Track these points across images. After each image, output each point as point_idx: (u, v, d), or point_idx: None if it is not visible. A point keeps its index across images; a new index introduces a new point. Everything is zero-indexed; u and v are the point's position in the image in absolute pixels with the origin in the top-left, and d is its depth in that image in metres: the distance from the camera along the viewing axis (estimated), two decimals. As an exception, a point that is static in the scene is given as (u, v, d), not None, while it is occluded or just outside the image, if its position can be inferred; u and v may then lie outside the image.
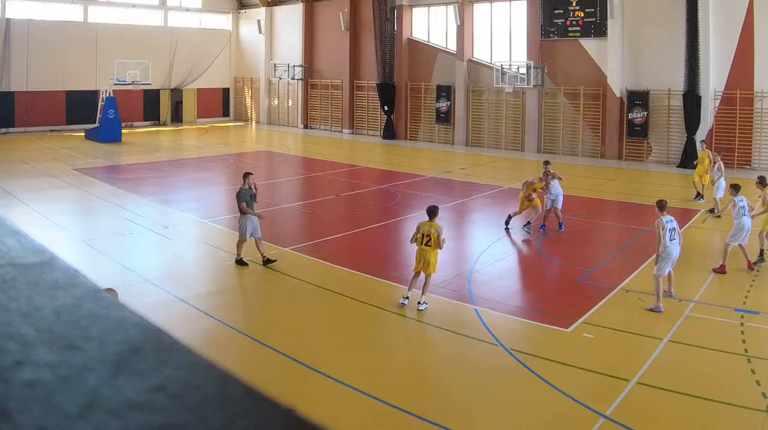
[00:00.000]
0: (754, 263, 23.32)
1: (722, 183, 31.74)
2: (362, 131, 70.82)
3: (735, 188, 24.15)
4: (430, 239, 19.56)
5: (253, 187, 23.76)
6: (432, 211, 20.36)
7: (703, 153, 35.47)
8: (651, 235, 26.31)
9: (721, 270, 22.67)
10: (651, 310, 19.16)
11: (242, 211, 23.19)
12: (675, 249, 19.99)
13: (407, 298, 19.73)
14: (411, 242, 20.47)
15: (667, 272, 20.02)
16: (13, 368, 0.95)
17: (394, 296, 20.50)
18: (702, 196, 35.09)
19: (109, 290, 13.60)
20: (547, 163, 30.48)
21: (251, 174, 24.14)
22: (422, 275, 19.75)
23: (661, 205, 20.52)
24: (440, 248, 19.81)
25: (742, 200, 23.47)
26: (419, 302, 19.51)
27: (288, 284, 22.27)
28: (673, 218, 20.60)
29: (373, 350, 17.25)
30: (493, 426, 13.53)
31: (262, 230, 23.83)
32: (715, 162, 33.12)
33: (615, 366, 15.44)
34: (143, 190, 38.38)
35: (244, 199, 23.16)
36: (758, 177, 25.27)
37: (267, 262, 23.36)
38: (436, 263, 19.93)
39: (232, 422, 1.01)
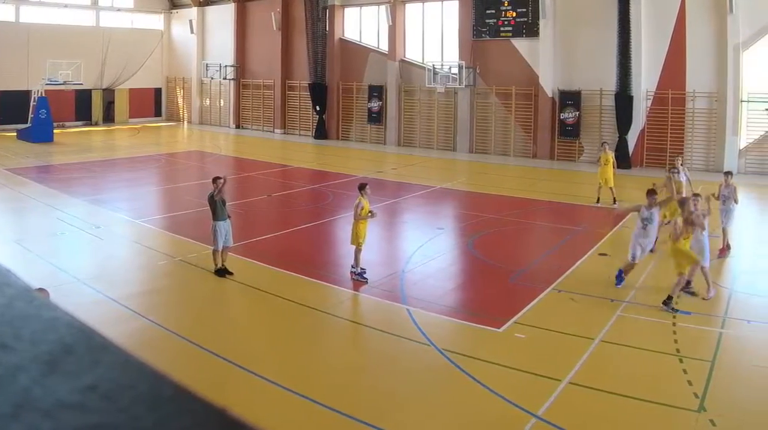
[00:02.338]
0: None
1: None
2: (294, 131, 69.63)
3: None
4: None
5: (219, 190, 22.40)
6: (358, 187, 22.43)
7: (606, 155, 34.60)
8: (583, 235, 28.38)
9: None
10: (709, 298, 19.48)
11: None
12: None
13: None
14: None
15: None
16: None
17: (326, 297, 20.50)
18: (614, 201, 34.27)
19: (41, 289, 12.85)
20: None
21: (221, 178, 22.77)
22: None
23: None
24: (354, 220, 21.56)
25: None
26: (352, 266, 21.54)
27: (221, 284, 21.64)
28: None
29: (305, 350, 16.91)
30: (425, 426, 13.30)
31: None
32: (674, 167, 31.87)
33: (547, 366, 15.22)
34: (75, 191, 37.46)
35: (217, 204, 22.24)
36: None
37: (223, 271, 22.14)
38: (357, 235, 21.46)
39: (165, 422, 0.94)
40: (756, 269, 22.71)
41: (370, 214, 21.88)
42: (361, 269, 21.80)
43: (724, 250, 24.63)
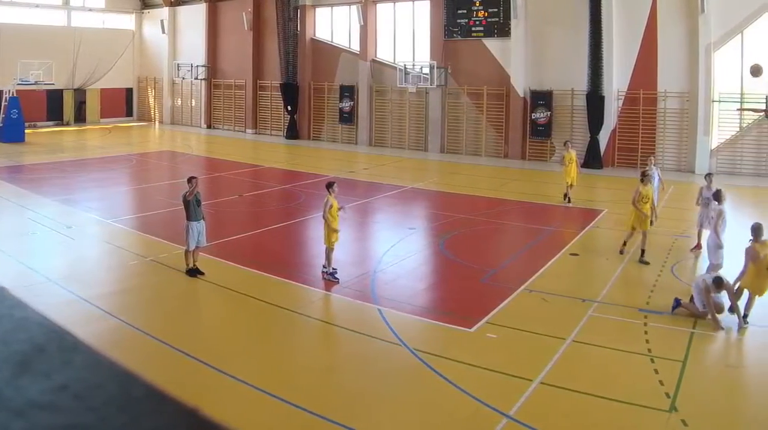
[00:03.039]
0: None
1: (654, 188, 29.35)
2: (265, 131, 69.27)
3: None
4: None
5: (192, 191, 21.99)
6: (326, 185, 22.75)
7: (569, 154, 34.47)
8: (554, 235, 28.78)
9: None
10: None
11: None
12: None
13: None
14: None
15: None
16: None
17: (298, 297, 20.37)
18: (569, 199, 34.49)
19: None
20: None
21: (195, 178, 22.33)
22: None
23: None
24: (324, 219, 21.73)
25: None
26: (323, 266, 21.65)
27: (192, 284, 21.38)
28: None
29: (276, 350, 16.73)
30: (397, 426, 13.15)
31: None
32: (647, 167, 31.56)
33: (518, 366, 15.13)
34: (46, 191, 37.05)
35: (191, 205, 21.90)
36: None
37: (194, 272, 21.84)
38: (326, 235, 21.61)
39: (136, 421, 0.96)
40: (728, 268, 21.46)
41: (341, 209, 22.03)
42: (333, 268, 21.67)
43: (699, 245, 24.64)
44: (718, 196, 22.12)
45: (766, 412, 13.53)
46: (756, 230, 18.51)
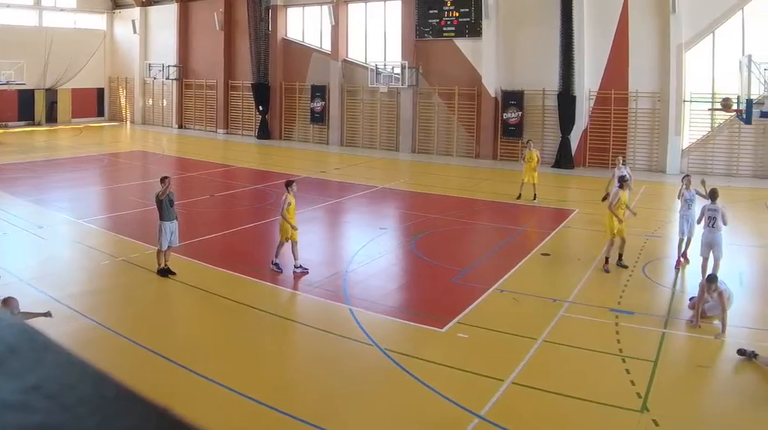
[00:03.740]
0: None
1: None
2: (237, 131, 68.71)
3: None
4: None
5: (164, 191, 21.78)
6: (285, 183, 23.28)
7: (530, 152, 34.72)
8: (525, 235, 28.79)
9: None
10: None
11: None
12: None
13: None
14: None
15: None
16: None
17: (269, 296, 20.46)
18: (530, 198, 34.62)
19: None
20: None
21: (168, 178, 22.26)
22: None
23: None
24: (281, 216, 22.38)
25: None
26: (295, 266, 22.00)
27: (163, 284, 21.27)
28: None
29: (248, 349, 16.62)
30: (368, 426, 13.12)
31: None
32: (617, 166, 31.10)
33: (489, 366, 15.08)
34: (18, 191, 36.65)
35: (164, 204, 21.74)
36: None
37: (166, 271, 21.66)
38: (285, 230, 22.21)
39: (108, 421, 0.97)
40: (698, 269, 21.82)
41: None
42: (276, 262, 22.40)
43: (680, 261, 23.52)
44: (713, 195, 21.61)
45: (737, 412, 13.41)
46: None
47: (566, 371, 15.04)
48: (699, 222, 21.97)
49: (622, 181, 23.70)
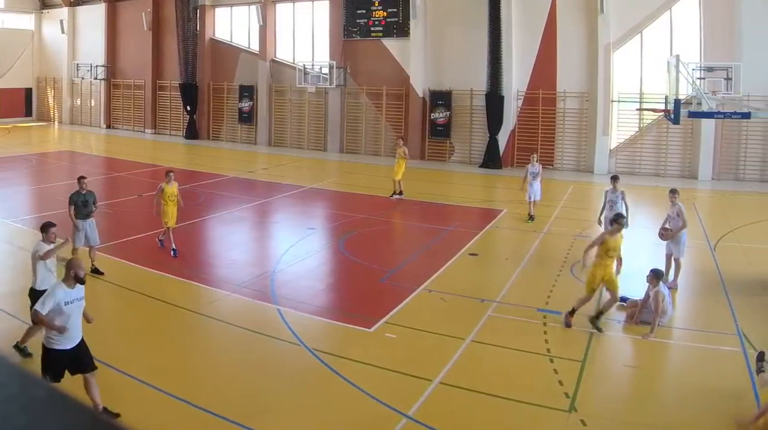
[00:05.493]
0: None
1: (537, 185, 30.06)
2: (165, 131, 67.23)
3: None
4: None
5: (83, 191, 21.42)
6: (165, 172, 24.34)
7: (401, 149, 34.99)
8: (453, 235, 28.01)
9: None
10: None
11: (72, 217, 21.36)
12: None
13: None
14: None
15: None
16: None
17: (197, 297, 19.93)
18: (400, 193, 34.95)
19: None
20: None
21: (84, 178, 21.80)
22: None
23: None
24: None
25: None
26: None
27: (91, 284, 19.27)
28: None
29: (176, 350, 16.21)
30: (297, 426, 12.80)
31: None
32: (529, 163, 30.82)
33: (418, 366, 14.89)
34: (-56, 191, 35.86)
35: (73, 204, 21.28)
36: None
37: (93, 271, 20.92)
38: (164, 214, 23.53)
39: (38, 422, 1.00)
40: (628, 269, 21.84)
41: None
42: (161, 239, 24.33)
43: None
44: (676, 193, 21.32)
45: (664, 412, 13.18)
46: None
47: (494, 371, 14.89)
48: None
49: (617, 221, 17.99)
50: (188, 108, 63.16)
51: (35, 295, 13.86)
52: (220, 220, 25.45)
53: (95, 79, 71.06)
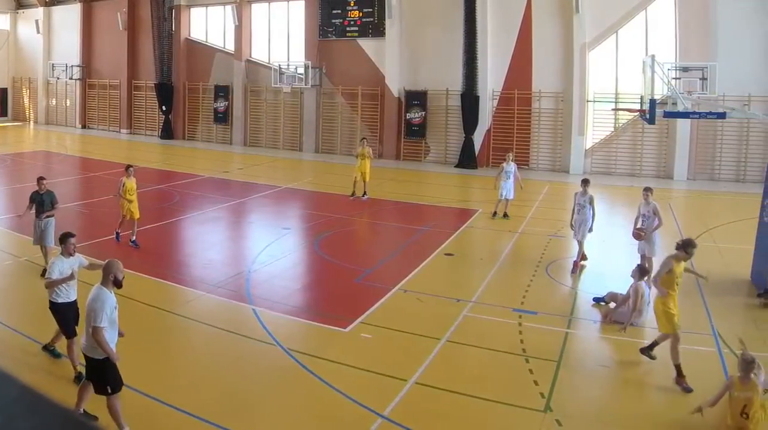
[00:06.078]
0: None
1: (510, 184, 29.98)
2: (140, 131, 66.62)
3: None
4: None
5: (41, 191, 21.49)
6: (125, 167, 25.39)
7: (363, 149, 34.75)
8: (429, 234, 27.90)
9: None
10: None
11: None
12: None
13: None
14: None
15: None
16: None
17: (172, 297, 19.81)
18: (364, 194, 34.83)
19: None
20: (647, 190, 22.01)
21: (43, 179, 21.85)
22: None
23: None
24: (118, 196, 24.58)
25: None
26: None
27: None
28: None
29: (152, 350, 15.85)
30: (272, 426, 12.69)
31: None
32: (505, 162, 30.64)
33: (393, 366, 14.84)
34: None
35: (33, 202, 21.39)
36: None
37: (43, 273, 20.33)
38: (124, 208, 24.63)
39: (10, 421, 1.02)
40: (602, 269, 22.34)
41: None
42: (118, 232, 25.09)
43: (578, 264, 22.55)
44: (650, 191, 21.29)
45: (639, 412, 13.15)
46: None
47: (470, 371, 14.78)
48: (637, 223, 21.30)
49: (688, 247, 15.36)
50: (163, 108, 62.86)
51: (58, 309, 13.78)
52: (195, 220, 25.49)
53: (70, 79, 70.36)
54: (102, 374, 11.59)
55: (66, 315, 13.67)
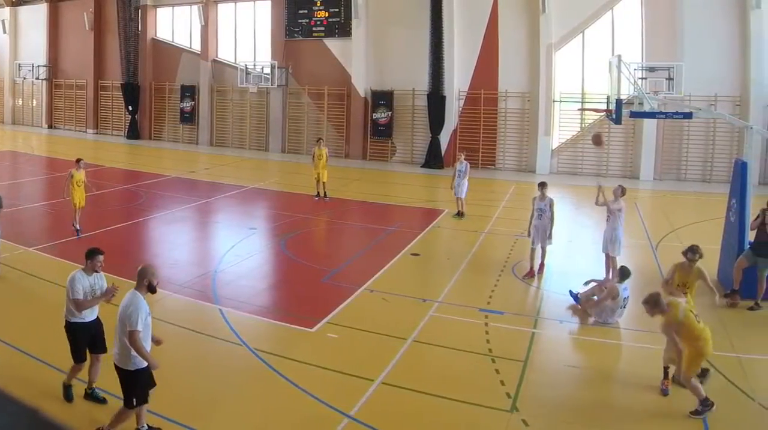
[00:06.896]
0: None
1: (465, 183, 30.26)
2: (107, 131, 65.83)
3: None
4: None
5: None
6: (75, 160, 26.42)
7: (319, 150, 34.59)
8: (395, 235, 27.78)
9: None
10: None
11: None
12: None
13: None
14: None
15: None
16: None
17: None
18: (322, 195, 34.62)
19: None
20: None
21: None
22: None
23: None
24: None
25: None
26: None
27: (30, 283, 20.30)
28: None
29: None
30: (238, 426, 12.42)
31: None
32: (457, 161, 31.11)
33: (359, 366, 14.76)
34: None
35: None
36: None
37: None
38: (73, 198, 25.49)
39: None
40: (567, 269, 22.22)
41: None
42: (78, 227, 25.50)
43: (533, 271, 21.81)
44: (623, 192, 21.03)
45: (605, 412, 13.08)
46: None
47: (436, 371, 14.67)
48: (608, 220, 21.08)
49: (694, 253, 16.00)
50: (130, 108, 62.18)
51: (70, 328, 13.08)
52: (161, 220, 25.25)
53: (37, 79, 69.52)
54: (132, 386, 11.34)
55: (77, 336, 12.99)
